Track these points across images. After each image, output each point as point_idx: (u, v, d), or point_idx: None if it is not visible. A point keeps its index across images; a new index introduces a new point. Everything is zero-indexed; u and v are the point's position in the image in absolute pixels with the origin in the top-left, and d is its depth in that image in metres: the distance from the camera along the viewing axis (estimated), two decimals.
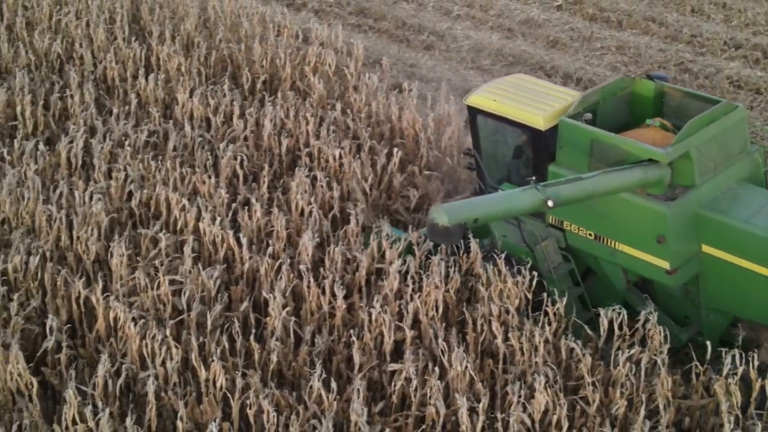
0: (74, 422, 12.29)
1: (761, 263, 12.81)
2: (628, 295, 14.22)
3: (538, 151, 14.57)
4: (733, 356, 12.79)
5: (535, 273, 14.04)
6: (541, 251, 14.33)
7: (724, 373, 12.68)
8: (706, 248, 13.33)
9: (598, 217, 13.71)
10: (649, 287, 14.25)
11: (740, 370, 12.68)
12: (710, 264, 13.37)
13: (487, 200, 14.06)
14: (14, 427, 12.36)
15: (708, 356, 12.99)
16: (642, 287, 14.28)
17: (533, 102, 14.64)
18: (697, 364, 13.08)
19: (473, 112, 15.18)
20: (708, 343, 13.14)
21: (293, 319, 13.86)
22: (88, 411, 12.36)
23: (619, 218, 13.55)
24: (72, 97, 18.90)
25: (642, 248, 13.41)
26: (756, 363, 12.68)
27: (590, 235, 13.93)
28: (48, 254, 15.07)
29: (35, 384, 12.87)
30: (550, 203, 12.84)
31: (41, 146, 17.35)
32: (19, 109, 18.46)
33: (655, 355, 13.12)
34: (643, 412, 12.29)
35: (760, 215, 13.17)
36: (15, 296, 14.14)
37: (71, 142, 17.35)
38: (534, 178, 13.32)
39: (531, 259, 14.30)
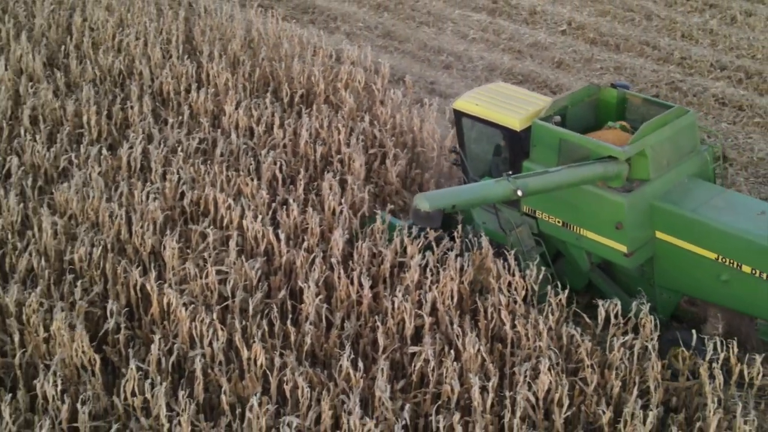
0: (132, 394, 12.27)
1: (706, 248, 13.01)
2: (591, 274, 14.41)
3: (514, 149, 14.67)
4: (715, 343, 12.71)
5: (543, 268, 14.01)
6: (516, 236, 14.51)
7: (707, 358, 12.59)
8: (659, 234, 13.52)
9: (565, 206, 13.91)
10: (609, 268, 14.42)
11: (722, 355, 12.58)
12: (662, 248, 13.56)
13: (464, 189, 14.37)
14: (80, 397, 12.28)
15: (658, 330, 13.09)
16: (604, 268, 14.46)
17: (510, 106, 14.79)
18: (683, 350, 12.99)
19: (458, 115, 15.30)
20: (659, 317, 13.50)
21: (325, 306, 13.79)
22: (145, 385, 12.31)
23: (583, 208, 13.73)
24: (132, 108, 18.85)
25: (603, 234, 13.58)
26: (735, 349, 12.62)
27: (559, 222, 14.13)
28: (109, 246, 15.01)
29: (98, 360, 12.85)
30: (519, 192, 13.13)
31: (104, 151, 17.27)
32: (85, 118, 18.41)
33: (646, 341, 13.06)
34: (635, 392, 12.18)
35: (706, 206, 13.34)
36: (79, 283, 14.09)
37: (131, 147, 17.31)
38: (510, 172, 13.58)
39: (507, 242, 14.50)
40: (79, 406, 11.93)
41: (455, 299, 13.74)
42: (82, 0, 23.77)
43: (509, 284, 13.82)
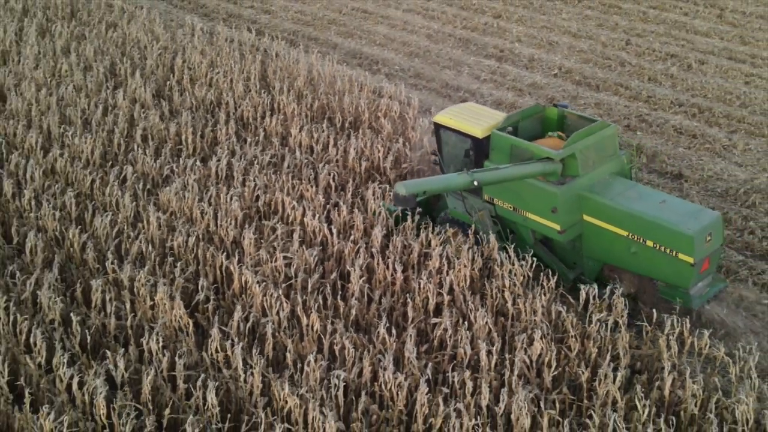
0: (216, 351, 12.36)
1: (620, 227, 13.31)
2: (535, 247, 14.47)
3: (478, 152, 14.73)
4: (672, 320, 12.63)
5: (534, 258, 14.01)
6: (479, 218, 14.89)
7: (666, 331, 12.52)
8: (585, 217, 13.74)
9: (515, 195, 14.12)
10: (549, 243, 14.55)
11: (677, 329, 12.58)
12: (588, 227, 13.78)
13: (433, 179, 14.49)
14: (177, 352, 12.40)
15: (593, 295, 13.24)
16: (545, 243, 14.59)
17: (476, 120, 14.88)
18: (646, 324, 12.90)
19: (437, 126, 15.34)
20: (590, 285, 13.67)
21: (367, 285, 13.79)
22: (226, 344, 12.39)
23: (528, 196, 13.94)
24: (220, 129, 18.95)
25: (543, 216, 13.83)
26: (688, 325, 12.55)
27: (510, 207, 14.32)
28: (200, 236, 15.10)
29: (191, 324, 12.94)
30: (475, 183, 13.58)
31: (198, 163, 17.40)
32: (183, 137, 18.53)
33: (617, 318, 12.95)
34: (608, 357, 12.12)
35: (621, 196, 13.60)
36: (178, 264, 14.21)
37: (218, 160, 17.39)
38: (475, 169, 13.98)
39: (470, 223, 14.99)
40: (176, 359, 12.04)
41: (468, 282, 13.72)
42: (183, 46, 23.89)
43: (510, 271, 13.78)
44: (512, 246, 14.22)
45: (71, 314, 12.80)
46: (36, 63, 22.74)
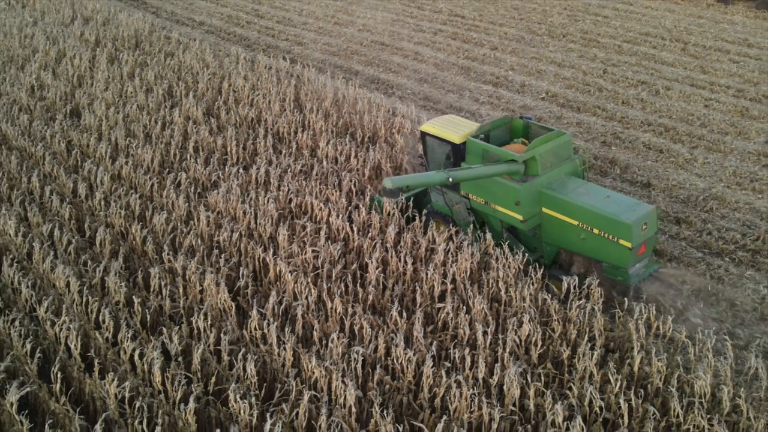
0: (255, 329, 12.34)
1: (572, 217, 13.43)
2: (503, 235, 14.66)
3: (456, 156, 14.90)
4: (640, 306, 12.53)
5: (527, 254, 13.98)
6: (456, 210, 15.13)
7: (635, 316, 12.42)
8: (544, 209, 13.85)
9: (486, 191, 14.25)
10: (514, 231, 14.62)
11: (644, 315, 12.47)
12: (547, 218, 13.88)
13: (415, 176, 14.43)
14: (222, 330, 12.41)
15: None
16: (512, 231, 14.66)
17: (455, 128, 15.04)
18: (619, 311, 12.81)
19: (423, 134, 15.47)
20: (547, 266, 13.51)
21: (382, 275, 13.73)
22: (263, 324, 12.39)
23: (497, 192, 14.07)
24: (259, 143, 18.93)
25: (508, 208, 13.97)
26: (654, 311, 12.37)
27: (482, 201, 14.41)
28: (242, 232, 15.08)
29: (233, 306, 12.92)
30: (450, 179, 13.65)
31: (241, 171, 17.36)
32: (229, 148, 18.53)
33: (594, 305, 12.83)
34: (586, 338, 12.02)
35: (574, 192, 13.68)
36: (223, 256, 14.19)
37: (258, 169, 17.38)
38: (450, 168, 14.11)
39: (450, 214, 15.31)
40: (221, 335, 12.06)
41: (468, 273, 13.64)
42: (228, 72, 23.93)
43: (504, 264, 13.70)
44: (506, 243, 14.17)
45: (133, 297, 12.85)
46: (106, 86, 22.84)
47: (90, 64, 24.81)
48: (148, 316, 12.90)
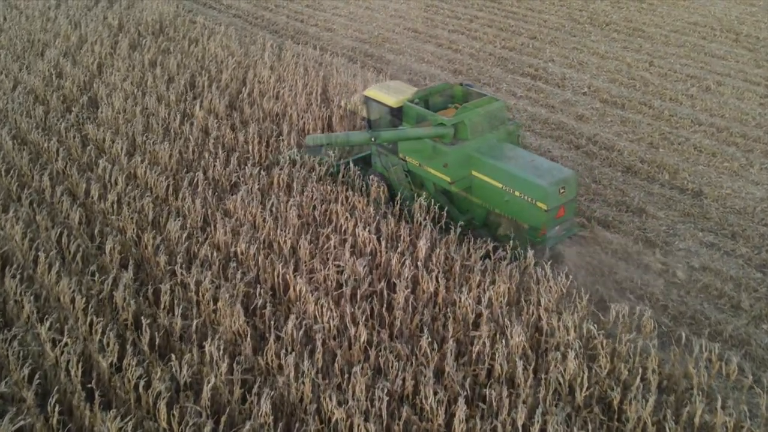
0: (272, 359, 11.17)
1: (497, 180, 13.70)
2: (436, 196, 14.78)
3: (393, 118, 15.25)
4: (701, 345, 11.17)
5: (568, 281, 12.57)
6: (393, 172, 15.40)
7: (694, 354, 11.03)
8: (473, 172, 14.13)
9: (420, 154, 14.61)
10: (447, 193, 14.71)
11: (705, 354, 11.10)
12: (476, 181, 14.14)
13: (337, 134, 14.63)
14: (235, 358, 11.29)
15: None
16: (445, 193, 14.74)
17: (395, 93, 15.34)
18: (675, 347, 11.42)
19: (366, 98, 15.73)
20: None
21: (412, 296, 12.43)
22: (281, 352, 11.21)
23: (428, 154, 14.42)
24: (283, 140, 17.66)
25: (438, 170, 14.38)
26: (716, 350, 10.97)
27: (417, 163, 14.81)
28: (262, 243, 13.87)
29: (249, 331, 11.70)
30: (373, 139, 14.35)
31: (262, 172, 16.10)
32: (250, 147, 17.32)
33: (646, 338, 11.46)
34: (638, 379, 10.64)
35: (501, 157, 13.96)
36: (240, 269, 13.03)
37: (281, 169, 16.16)
38: (374, 129, 14.82)
39: (387, 175, 15.53)
40: (234, 365, 10.93)
41: (506, 297, 12.31)
42: (254, 62, 22.70)
43: (547, 287, 12.34)
44: (548, 263, 12.82)
45: (141, 318, 11.74)
46: (126, 75, 21.74)
47: (111, 50, 23.72)
48: (157, 338, 11.78)
